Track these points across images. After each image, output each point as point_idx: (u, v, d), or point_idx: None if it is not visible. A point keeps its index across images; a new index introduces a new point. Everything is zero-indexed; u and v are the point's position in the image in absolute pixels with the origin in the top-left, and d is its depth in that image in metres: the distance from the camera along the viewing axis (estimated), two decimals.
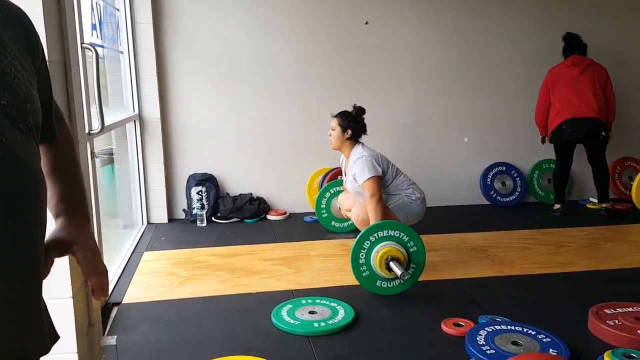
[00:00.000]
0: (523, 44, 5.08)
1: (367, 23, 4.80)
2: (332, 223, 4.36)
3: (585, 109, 4.49)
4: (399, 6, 4.82)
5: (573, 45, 4.67)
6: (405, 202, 3.52)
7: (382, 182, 3.48)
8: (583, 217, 4.75)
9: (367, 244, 3.03)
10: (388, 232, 3.04)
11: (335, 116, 3.62)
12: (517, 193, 5.20)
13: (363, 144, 3.61)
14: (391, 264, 2.96)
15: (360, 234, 3.06)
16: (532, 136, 5.17)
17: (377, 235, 3.03)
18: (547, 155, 5.19)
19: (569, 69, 4.61)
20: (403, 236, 3.04)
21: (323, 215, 4.36)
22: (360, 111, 3.64)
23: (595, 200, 5.12)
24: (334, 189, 4.32)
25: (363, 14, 4.78)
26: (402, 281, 3.03)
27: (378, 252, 3.00)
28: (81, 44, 2.61)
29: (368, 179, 3.36)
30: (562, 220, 4.63)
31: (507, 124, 5.20)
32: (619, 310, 2.61)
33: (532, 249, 3.89)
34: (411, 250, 3.04)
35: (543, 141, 4.94)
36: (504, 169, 5.20)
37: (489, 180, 5.18)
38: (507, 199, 5.19)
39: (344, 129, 3.56)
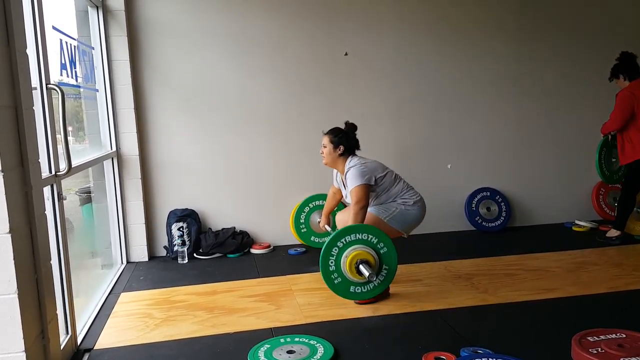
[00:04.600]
0: (503, 69, 5.11)
1: (346, 54, 4.81)
2: (312, 238, 4.32)
3: None
4: (379, 35, 4.83)
5: (631, 67, 4.36)
6: (401, 210, 3.47)
7: (379, 189, 3.46)
8: (569, 241, 4.71)
9: (336, 250, 2.98)
10: (356, 235, 3.00)
11: (327, 133, 3.61)
12: (502, 218, 5.16)
13: (356, 155, 3.58)
14: (360, 266, 2.92)
15: (327, 241, 3.01)
16: (515, 160, 5.17)
17: (345, 240, 2.99)
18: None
19: None
20: (372, 238, 3.00)
21: (302, 231, 4.33)
22: (352, 127, 3.63)
23: (582, 223, 5.08)
24: (313, 203, 4.32)
25: (343, 44, 4.79)
26: (375, 284, 2.97)
27: (347, 257, 2.95)
28: (46, 84, 2.59)
29: (357, 186, 3.34)
30: (548, 245, 4.57)
31: (491, 148, 5.19)
32: (602, 337, 2.55)
33: (517, 275, 3.83)
34: (382, 251, 3.00)
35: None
36: (489, 194, 5.17)
37: (473, 206, 5.14)
38: (493, 224, 5.15)
39: (335, 146, 3.54)
